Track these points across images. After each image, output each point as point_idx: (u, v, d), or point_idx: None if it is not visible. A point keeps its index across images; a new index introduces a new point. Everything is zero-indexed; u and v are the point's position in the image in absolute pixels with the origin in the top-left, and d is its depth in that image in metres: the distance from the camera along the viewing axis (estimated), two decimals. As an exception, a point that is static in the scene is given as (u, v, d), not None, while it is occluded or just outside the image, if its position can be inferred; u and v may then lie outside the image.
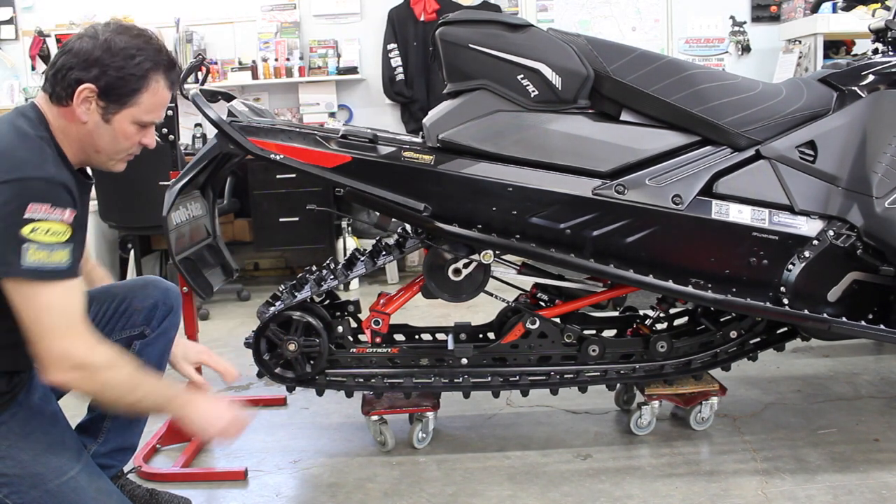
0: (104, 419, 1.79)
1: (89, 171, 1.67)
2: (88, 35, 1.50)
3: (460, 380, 2.20)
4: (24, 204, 1.36)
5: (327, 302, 2.30)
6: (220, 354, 1.98)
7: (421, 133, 2.06)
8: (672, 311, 2.40)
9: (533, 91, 2.00)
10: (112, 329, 1.76)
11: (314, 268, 2.32)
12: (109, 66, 1.48)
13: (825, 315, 2.09)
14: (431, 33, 2.05)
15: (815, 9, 4.21)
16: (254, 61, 4.97)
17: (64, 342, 1.40)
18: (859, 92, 2.13)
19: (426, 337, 2.41)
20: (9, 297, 1.40)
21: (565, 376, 2.22)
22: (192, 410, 1.55)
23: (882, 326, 2.11)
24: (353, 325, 2.26)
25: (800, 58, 4.27)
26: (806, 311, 2.07)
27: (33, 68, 5.15)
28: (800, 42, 4.32)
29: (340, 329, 2.21)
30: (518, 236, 2.03)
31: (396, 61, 4.92)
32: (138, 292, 1.79)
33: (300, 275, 2.29)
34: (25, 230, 1.35)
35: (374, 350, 2.21)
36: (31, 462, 1.45)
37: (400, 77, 4.93)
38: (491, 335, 2.39)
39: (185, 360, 1.88)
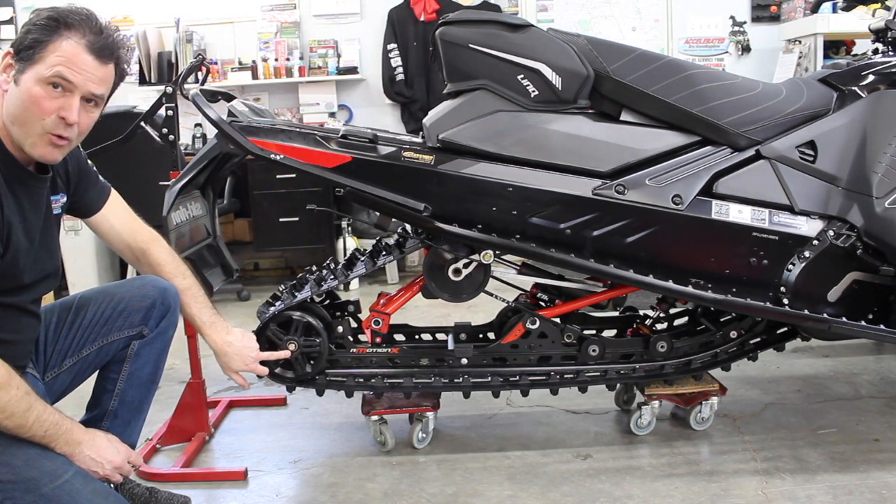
0: (102, 419, 1.78)
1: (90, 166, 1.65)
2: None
3: (460, 380, 2.20)
4: None
5: (327, 302, 2.30)
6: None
7: (421, 133, 2.06)
8: (672, 311, 2.40)
9: (533, 91, 2.00)
10: (110, 329, 1.75)
11: (314, 268, 2.32)
12: (24, 25, 1.46)
13: (825, 315, 2.08)
14: (431, 33, 2.05)
15: (815, 9, 4.21)
16: (254, 61, 4.97)
17: None
18: (859, 92, 2.13)
19: (426, 337, 2.41)
20: None
21: (565, 376, 2.22)
22: (85, 448, 1.51)
23: (882, 326, 2.11)
24: (353, 325, 2.26)
25: (800, 58, 4.27)
26: (806, 311, 2.07)
27: (33, 68, 5.14)
28: (800, 42, 4.32)
29: (340, 329, 2.20)
30: (518, 236, 2.03)
31: (396, 61, 4.92)
32: (136, 292, 1.78)
33: (300, 275, 2.29)
34: None
35: (374, 350, 2.21)
36: (25, 467, 1.44)
37: (400, 77, 4.93)
38: (491, 335, 2.39)
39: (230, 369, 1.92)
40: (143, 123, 2.31)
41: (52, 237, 1.65)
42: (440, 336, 2.41)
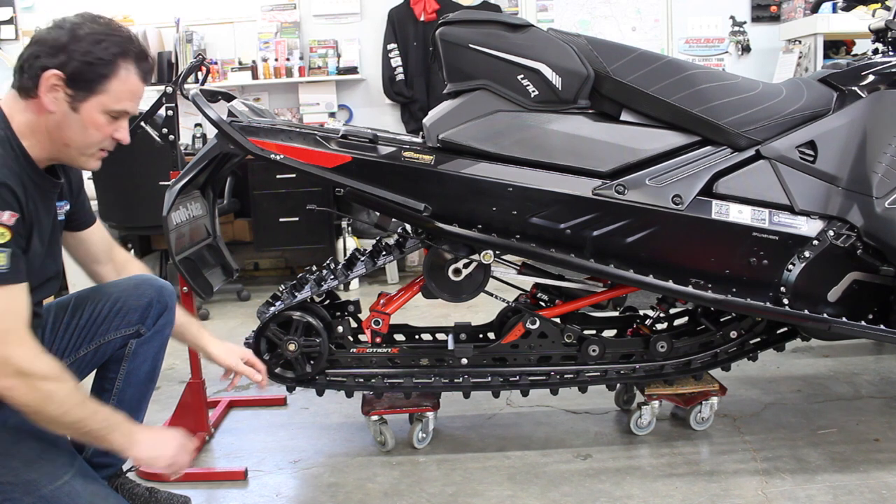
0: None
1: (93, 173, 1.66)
2: (56, 25, 1.49)
3: (460, 380, 2.20)
4: None
5: (327, 302, 2.30)
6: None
7: (421, 133, 2.06)
8: (672, 311, 2.40)
9: (533, 91, 2.00)
10: (107, 329, 1.75)
11: (314, 268, 2.32)
12: (76, 51, 1.45)
13: (825, 315, 2.09)
14: (431, 33, 2.05)
15: (815, 9, 4.21)
16: (254, 61, 4.97)
17: (5, 348, 1.34)
18: (859, 92, 2.13)
19: (426, 337, 2.41)
20: None
21: (565, 376, 2.22)
22: (140, 440, 1.50)
23: (882, 326, 2.11)
24: (353, 325, 2.26)
25: (800, 58, 4.27)
26: (806, 312, 2.07)
27: (33, 68, 5.14)
28: (800, 42, 4.32)
29: (340, 329, 2.21)
30: (518, 236, 2.03)
31: (396, 61, 4.92)
32: (132, 291, 1.78)
33: (300, 275, 2.29)
34: None
35: (374, 350, 2.21)
36: (24, 468, 1.44)
37: (400, 77, 4.93)
38: (491, 335, 2.39)
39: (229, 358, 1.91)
40: (143, 123, 2.31)
41: (56, 241, 1.67)
42: (440, 336, 2.41)
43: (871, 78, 2.14)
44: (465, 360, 2.19)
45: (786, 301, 2.08)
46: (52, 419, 1.40)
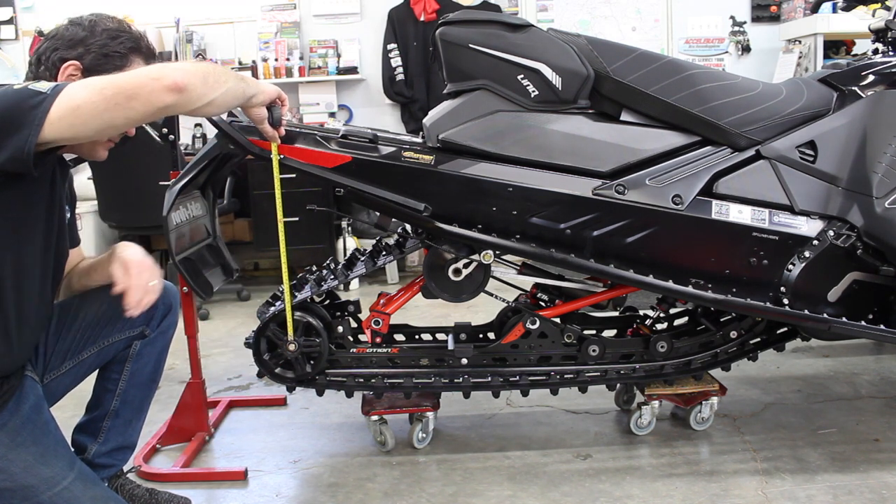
0: (103, 419, 1.78)
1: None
2: (73, 22, 1.58)
3: (460, 380, 2.20)
4: (11, 88, 1.32)
5: (327, 302, 2.30)
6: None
7: (421, 133, 2.06)
8: (672, 311, 2.40)
9: (533, 91, 2.00)
10: (111, 330, 1.75)
11: (314, 268, 2.32)
12: (93, 44, 1.54)
13: (825, 315, 2.08)
14: (431, 33, 2.05)
15: (815, 9, 4.21)
16: (254, 61, 4.97)
17: (162, 80, 1.34)
18: (859, 92, 2.13)
19: (426, 337, 2.41)
20: (86, 118, 1.32)
21: (565, 376, 2.22)
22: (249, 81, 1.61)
23: (882, 326, 2.11)
24: (353, 325, 2.26)
25: (800, 58, 4.27)
26: (806, 312, 2.07)
27: (33, 68, 5.15)
28: (800, 42, 4.33)
29: (340, 329, 2.20)
30: (518, 236, 2.03)
31: (396, 61, 4.93)
32: None
33: (300, 275, 2.29)
34: (28, 86, 1.31)
35: (374, 350, 2.21)
36: (23, 474, 1.43)
37: (400, 77, 4.94)
38: (491, 335, 2.39)
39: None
40: (143, 123, 2.31)
41: (64, 231, 1.67)
42: (440, 336, 2.41)
43: (871, 78, 2.14)
44: (465, 360, 2.19)
45: (786, 301, 2.08)
46: (220, 97, 1.46)
